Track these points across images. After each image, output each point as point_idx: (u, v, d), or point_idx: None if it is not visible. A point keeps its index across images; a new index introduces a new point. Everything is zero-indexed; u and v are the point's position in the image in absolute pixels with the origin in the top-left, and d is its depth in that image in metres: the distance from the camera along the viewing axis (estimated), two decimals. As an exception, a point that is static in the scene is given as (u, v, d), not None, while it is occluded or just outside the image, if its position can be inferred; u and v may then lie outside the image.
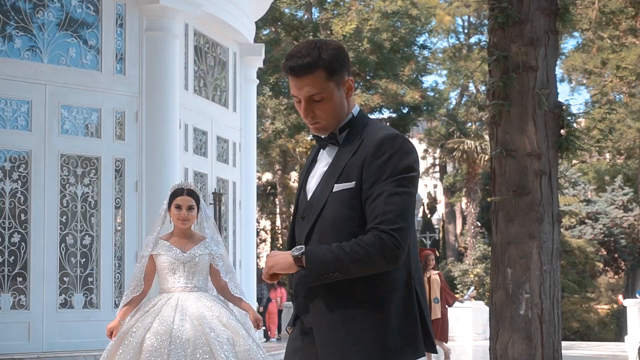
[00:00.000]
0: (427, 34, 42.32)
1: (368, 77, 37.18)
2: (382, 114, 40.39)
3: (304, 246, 3.55)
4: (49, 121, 12.09)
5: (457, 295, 22.74)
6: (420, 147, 54.97)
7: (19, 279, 11.76)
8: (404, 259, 3.50)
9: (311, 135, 4.57)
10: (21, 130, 11.93)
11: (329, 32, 34.87)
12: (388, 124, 41.53)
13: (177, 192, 7.52)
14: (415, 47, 39.60)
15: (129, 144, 12.86)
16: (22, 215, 11.82)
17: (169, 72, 13.10)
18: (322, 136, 3.75)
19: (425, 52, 41.24)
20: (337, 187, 3.58)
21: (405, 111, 40.15)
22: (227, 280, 7.56)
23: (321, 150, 3.80)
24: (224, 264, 7.61)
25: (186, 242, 7.50)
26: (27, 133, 11.96)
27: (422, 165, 56.61)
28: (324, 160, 3.75)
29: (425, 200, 55.25)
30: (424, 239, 41.62)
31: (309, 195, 3.72)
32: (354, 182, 3.54)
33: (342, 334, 3.53)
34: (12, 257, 11.71)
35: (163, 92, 13.03)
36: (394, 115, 40.35)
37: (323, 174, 3.70)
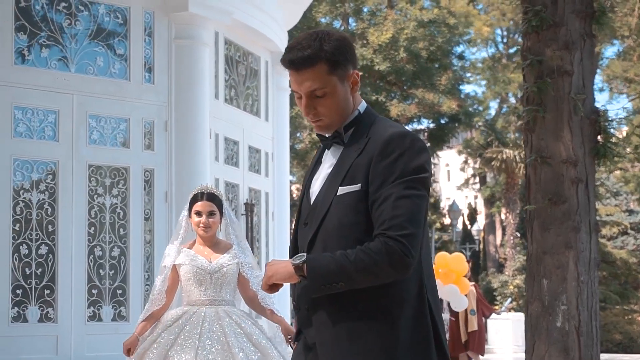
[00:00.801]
0: (465, 44, 42.02)
1: (404, 87, 36.93)
2: (420, 124, 40.16)
3: (305, 254, 3.31)
4: (76, 131, 11.93)
5: (495, 307, 22.37)
6: (459, 158, 54.64)
7: (47, 292, 11.60)
8: (414, 267, 3.26)
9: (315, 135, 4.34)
10: (48, 141, 11.79)
11: (364, 42, 34.71)
12: (426, 134, 41.29)
13: (195, 198, 7.06)
14: (452, 57, 39.34)
15: (158, 153, 12.66)
16: (50, 226, 11.66)
17: (198, 80, 12.92)
18: (327, 135, 3.51)
19: (463, 62, 40.94)
20: (342, 190, 3.34)
21: (443, 122, 39.87)
22: (256, 290, 7.07)
23: (326, 150, 3.54)
24: (252, 273, 7.12)
25: (211, 251, 7.05)
26: (55, 143, 11.81)
27: (462, 176, 56.24)
28: (328, 161, 3.51)
29: (465, 211, 54.88)
30: (463, 250, 41.28)
31: (312, 199, 3.48)
32: (359, 185, 3.31)
33: (347, 348, 3.28)
34: (40, 269, 11.55)
35: (193, 101, 12.82)
36: (431, 125, 40.08)
37: (327, 176, 3.46)
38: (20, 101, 11.59)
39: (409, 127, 40.98)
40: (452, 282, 14.93)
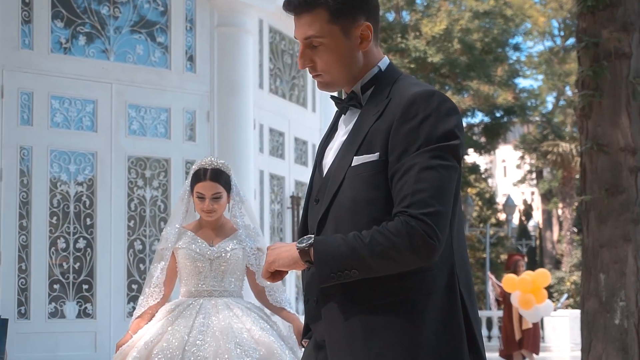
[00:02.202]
0: (521, 37, 41.47)
1: (458, 79, 36.46)
2: (475, 117, 39.66)
3: (312, 236, 2.83)
4: (115, 121, 11.62)
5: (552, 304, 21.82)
6: (515, 154, 54.05)
7: (85, 287, 11.31)
8: (444, 253, 2.78)
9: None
10: (86, 131, 11.49)
11: (417, 33, 34.30)
12: (481, 128, 40.76)
13: (197, 176, 5.99)
14: (508, 49, 38.81)
15: (200, 145, 12.33)
16: (88, 219, 11.37)
17: (242, 69, 12.56)
18: (335, 95, 3.06)
19: (519, 54, 40.41)
20: (357, 160, 2.85)
21: (498, 115, 39.34)
22: (265, 284, 6.07)
23: (342, 115, 3.06)
24: (259, 262, 6.10)
25: (215, 235, 6.03)
26: (93, 134, 11.51)
27: (518, 173, 55.59)
28: (344, 128, 3.03)
29: (521, 207, 54.31)
30: (520, 247, 40.78)
31: (325, 172, 3.00)
32: (377, 154, 2.82)
33: (361, 347, 2.80)
34: (78, 264, 11.26)
35: (236, 90, 12.46)
36: (486, 119, 39.56)
37: (341, 145, 2.97)
38: (58, 91, 11.30)
39: (463, 121, 40.62)
40: (534, 301, 14.50)
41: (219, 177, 5.92)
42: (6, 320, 10.33)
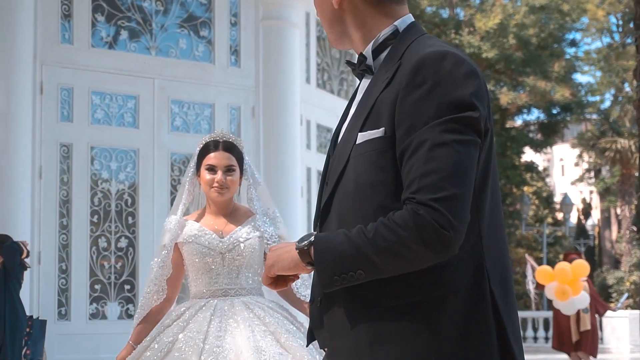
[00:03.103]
0: (578, 33, 40.76)
1: (514, 75, 35.87)
2: (531, 114, 39.02)
3: (314, 233, 2.43)
4: (157, 117, 11.33)
5: (610, 304, 21.22)
6: (573, 152, 53.17)
7: (127, 287, 11.04)
8: (469, 245, 2.35)
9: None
10: (128, 128, 11.21)
11: (471, 29, 33.77)
12: (537, 126, 40.09)
13: (207, 148, 5.04)
14: (564, 44, 38.13)
15: (245, 141, 11.38)
16: (130, 218, 11.09)
17: (288, 64, 12.25)
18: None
19: (576, 50, 39.71)
20: (361, 137, 2.43)
21: (554, 112, 38.65)
22: None
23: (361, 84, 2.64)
24: None
25: (225, 223, 5.05)
26: (135, 130, 11.23)
27: (576, 172, 54.71)
28: (357, 99, 2.61)
29: (579, 206, 53.44)
30: (577, 246, 40.04)
31: (334, 150, 2.61)
32: (382, 129, 2.39)
33: (369, 358, 2.37)
34: (120, 264, 11.00)
35: (282, 85, 12.16)
36: (542, 116, 38.91)
37: (349, 119, 2.56)
38: (98, 86, 11.06)
39: (519, 118, 39.93)
40: (570, 293, 13.99)
41: (232, 149, 5.02)
42: (44, 321, 10.11)
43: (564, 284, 14.13)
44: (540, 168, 47.23)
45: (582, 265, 14.44)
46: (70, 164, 10.79)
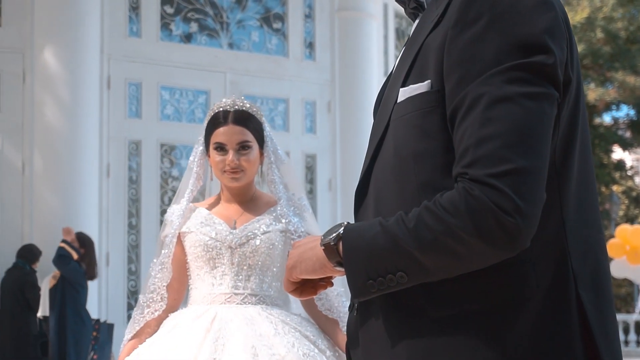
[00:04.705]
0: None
1: (602, 71, 35.04)
2: (620, 110, 38.10)
3: (344, 224, 1.85)
4: (229, 113, 10.97)
5: None
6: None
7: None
8: (547, 235, 1.75)
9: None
10: (199, 124, 10.81)
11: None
12: (626, 123, 39.11)
13: (215, 121, 3.88)
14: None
15: (321, 137, 11.70)
16: (202, 217, 10.72)
17: (365, 56, 11.93)
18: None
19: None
20: (403, 94, 1.85)
21: (646, 108, 37.71)
22: None
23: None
24: None
25: (241, 211, 3.89)
26: (205, 127, 10.87)
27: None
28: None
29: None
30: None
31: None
32: (428, 82, 1.80)
33: None
34: (191, 265, 10.62)
35: (359, 79, 11.81)
36: (632, 112, 37.95)
37: (393, 72, 1.98)
38: (168, 81, 10.74)
39: (607, 114, 39.02)
40: None
41: (247, 120, 3.85)
42: (112, 325, 9.78)
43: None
44: (629, 166, 46.20)
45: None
46: (139, 161, 10.48)
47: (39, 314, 9.64)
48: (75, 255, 9.17)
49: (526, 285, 1.74)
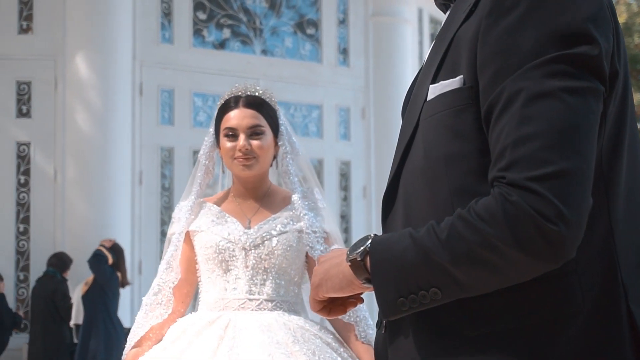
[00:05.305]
0: None
1: (640, 76, 34.85)
2: (658, 117, 37.89)
3: (370, 236, 1.70)
4: (262, 120, 10.91)
5: None
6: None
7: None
8: (593, 245, 1.59)
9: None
10: (232, 131, 10.80)
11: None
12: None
13: (226, 106, 3.54)
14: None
15: (355, 144, 11.62)
16: (236, 225, 10.66)
17: (400, 62, 11.88)
18: None
19: None
20: (433, 91, 1.70)
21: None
22: None
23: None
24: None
25: (257, 208, 3.57)
26: (239, 134, 10.81)
27: None
28: None
29: None
30: None
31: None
32: (460, 77, 1.65)
33: None
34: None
35: (394, 85, 11.67)
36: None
37: (423, 68, 1.84)
38: (201, 87, 10.70)
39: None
40: None
41: (260, 105, 3.55)
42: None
43: None
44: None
45: None
46: (172, 169, 10.41)
47: (72, 323, 9.58)
48: (110, 259, 9.10)
49: (571, 300, 1.58)
